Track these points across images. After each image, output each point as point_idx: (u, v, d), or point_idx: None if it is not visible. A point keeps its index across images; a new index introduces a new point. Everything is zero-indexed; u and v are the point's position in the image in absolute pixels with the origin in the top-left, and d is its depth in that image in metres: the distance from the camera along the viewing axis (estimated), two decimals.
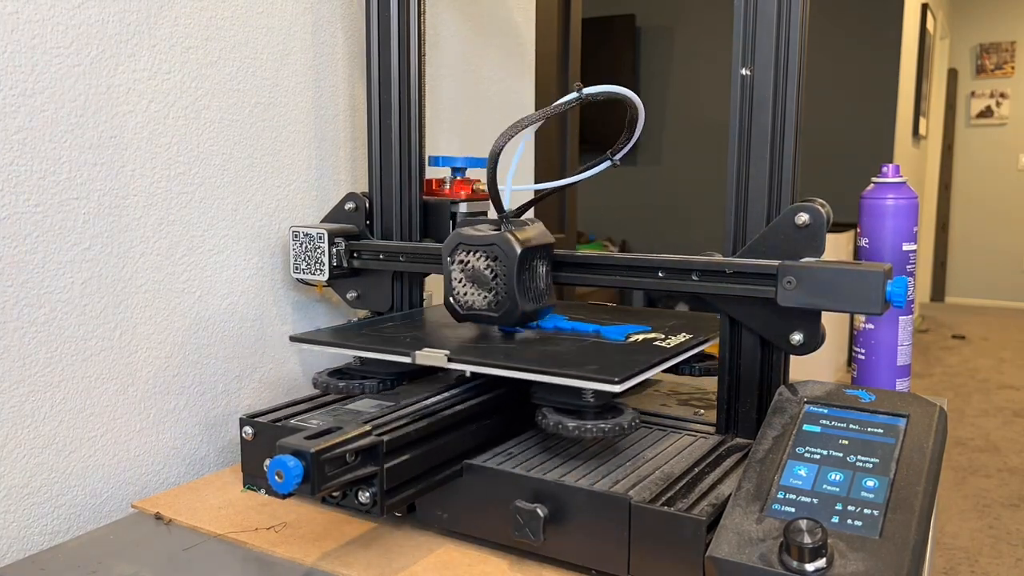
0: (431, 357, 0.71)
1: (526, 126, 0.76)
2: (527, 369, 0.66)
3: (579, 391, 0.66)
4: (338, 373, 0.80)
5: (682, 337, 0.77)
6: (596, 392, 0.66)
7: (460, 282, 0.77)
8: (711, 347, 0.81)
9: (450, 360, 0.70)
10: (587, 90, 0.77)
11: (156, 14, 0.80)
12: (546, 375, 0.65)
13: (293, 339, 0.79)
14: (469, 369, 0.70)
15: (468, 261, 0.76)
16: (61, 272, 0.74)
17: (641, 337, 0.77)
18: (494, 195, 0.76)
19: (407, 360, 0.72)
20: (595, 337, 0.77)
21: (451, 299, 0.77)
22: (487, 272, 0.75)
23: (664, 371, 0.73)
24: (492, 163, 0.75)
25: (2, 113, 0.69)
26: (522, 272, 0.74)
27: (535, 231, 0.77)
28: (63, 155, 0.73)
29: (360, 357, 0.79)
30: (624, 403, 0.70)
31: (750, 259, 0.70)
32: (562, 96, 0.77)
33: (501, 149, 0.74)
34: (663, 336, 0.78)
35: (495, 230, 0.76)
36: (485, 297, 0.76)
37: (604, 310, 0.94)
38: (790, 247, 0.69)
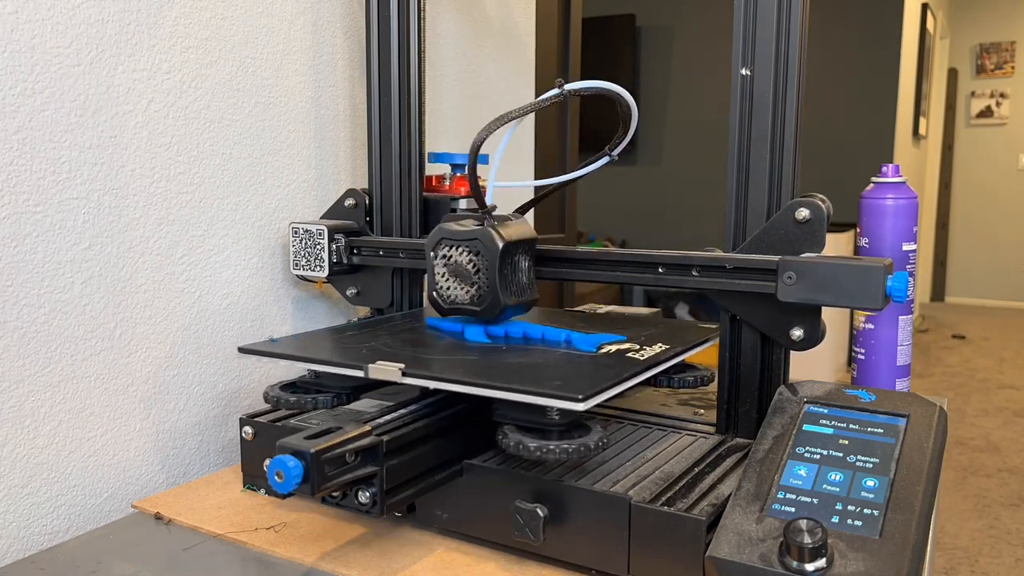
0: (385, 371, 0.67)
1: (507, 121, 0.75)
2: (487, 385, 0.63)
3: (542, 408, 0.62)
4: (291, 387, 0.77)
5: (657, 348, 0.74)
6: (561, 410, 0.62)
7: (443, 276, 0.77)
8: (693, 356, 0.80)
9: (404, 374, 0.66)
10: (569, 86, 0.77)
11: (156, 14, 0.80)
12: (506, 391, 0.62)
13: (242, 351, 0.75)
14: (424, 384, 0.67)
15: (451, 255, 0.76)
16: (61, 272, 0.74)
17: (614, 348, 0.74)
18: (475, 190, 0.76)
19: (359, 374, 0.69)
20: (565, 347, 0.74)
21: (434, 293, 0.78)
22: (469, 266, 0.75)
23: (638, 384, 0.70)
24: (472, 158, 0.75)
25: (2, 113, 0.69)
26: (504, 266, 0.75)
27: (518, 226, 0.77)
28: (63, 155, 0.73)
29: (313, 370, 0.75)
30: (594, 420, 0.66)
31: (750, 255, 0.70)
32: (558, 95, 0.77)
33: (480, 144, 0.74)
34: (637, 347, 0.74)
35: (478, 225, 0.75)
36: (467, 291, 0.76)
37: (580, 317, 0.92)
38: (790, 243, 0.69)
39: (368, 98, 0.94)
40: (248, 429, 0.76)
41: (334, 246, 0.91)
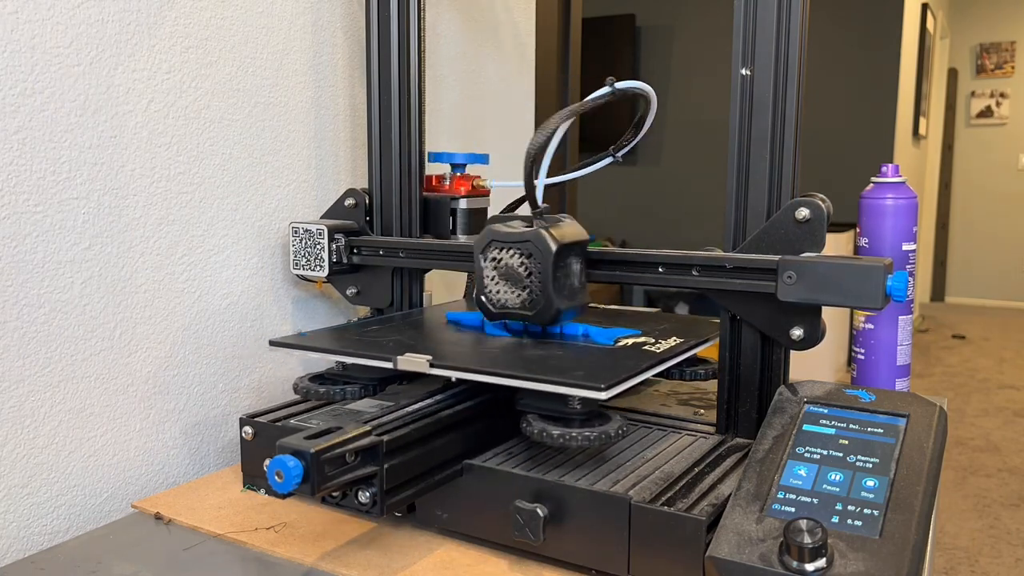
0: (413, 363, 0.69)
1: (562, 121, 0.73)
2: (512, 375, 0.65)
3: (564, 398, 0.65)
4: (320, 378, 0.78)
5: (672, 341, 0.76)
6: (582, 399, 0.64)
7: (492, 280, 0.75)
8: (704, 351, 0.81)
9: (432, 366, 0.68)
10: (618, 84, 0.76)
11: (156, 14, 0.80)
12: (531, 381, 0.64)
13: (273, 343, 0.77)
14: (451, 375, 0.68)
15: (501, 258, 0.74)
16: (61, 272, 0.74)
17: (631, 341, 0.76)
18: (529, 191, 0.74)
19: (388, 365, 0.71)
20: (583, 340, 0.76)
21: (483, 297, 0.75)
22: (521, 269, 0.73)
23: (653, 376, 0.72)
24: (530, 160, 0.72)
25: (2, 113, 0.69)
26: (557, 269, 0.72)
27: (570, 227, 0.74)
28: (63, 155, 0.73)
29: (343, 362, 0.77)
30: (612, 410, 0.68)
31: (750, 254, 0.70)
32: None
33: (542, 146, 0.71)
34: (653, 340, 0.77)
35: (528, 227, 0.73)
36: (519, 295, 0.73)
37: (595, 312, 0.93)
38: (790, 242, 0.69)
39: (368, 98, 0.94)
40: (248, 429, 0.76)
41: (334, 246, 0.91)
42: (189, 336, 0.86)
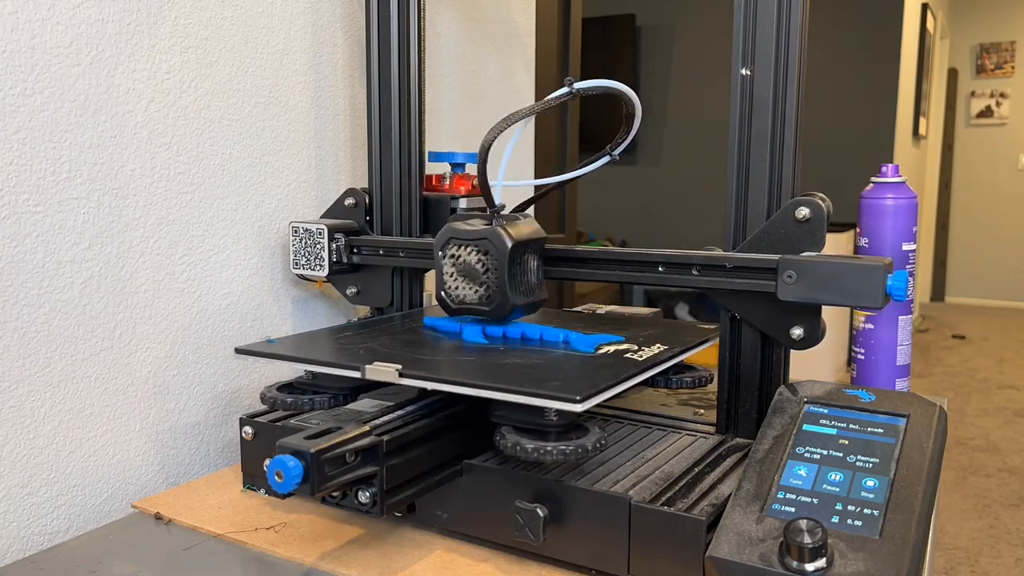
0: (382, 372, 0.67)
1: (516, 120, 0.76)
2: (484, 386, 0.62)
3: (540, 409, 0.62)
4: (288, 387, 0.76)
5: (656, 349, 0.74)
6: (559, 411, 0.62)
7: (451, 276, 0.77)
8: (691, 357, 0.79)
9: (402, 375, 0.66)
10: (578, 84, 0.77)
11: (156, 14, 0.80)
12: (504, 392, 0.61)
13: (239, 351, 0.75)
14: (422, 385, 0.67)
15: (459, 255, 0.76)
16: (61, 272, 0.74)
17: (612, 348, 0.74)
18: (484, 190, 0.76)
19: (356, 375, 0.69)
20: (563, 348, 0.74)
21: (442, 293, 0.77)
22: (478, 266, 0.75)
23: (637, 385, 0.70)
24: (482, 157, 0.74)
25: (2, 113, 0.69)
26: (513, 266, 0.74)
27: (526, 226, 0.77)
28: (63, 155, 0.73)
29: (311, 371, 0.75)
30: (592, 421, 0.66)
31: (750, 254, 0.70)
32: (568, 94, 0.77)
33: (491, 143, 0.74)
34: (636, 347, 0.74)
35: (486, 224, 0.75)
36: (476, 291, 0.76)
37: (579, 317, 0.92)
38: (790, 241, 0.69)
39: (368, 98, 0.94)
40: (248, 429, 0.76)
41: (334, 245, 0.91)
42: (189, 336, 0.86)
